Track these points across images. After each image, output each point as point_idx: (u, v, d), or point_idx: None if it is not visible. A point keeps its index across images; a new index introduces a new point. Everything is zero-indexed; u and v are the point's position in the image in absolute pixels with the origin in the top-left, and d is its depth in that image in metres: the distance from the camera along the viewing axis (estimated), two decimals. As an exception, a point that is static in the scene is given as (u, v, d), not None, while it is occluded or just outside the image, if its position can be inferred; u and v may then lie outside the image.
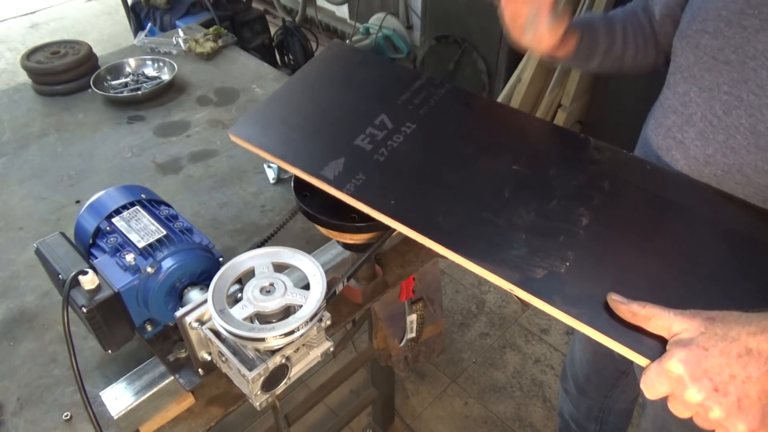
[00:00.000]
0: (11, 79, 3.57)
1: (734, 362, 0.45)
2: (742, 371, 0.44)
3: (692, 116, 0.70)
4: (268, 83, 1.52)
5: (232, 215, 1.09)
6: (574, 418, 1.41)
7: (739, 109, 0.64)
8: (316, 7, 3.64)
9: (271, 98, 0.80)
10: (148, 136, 1.32)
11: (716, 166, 0.68)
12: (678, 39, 0.72)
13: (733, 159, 0.66)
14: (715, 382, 0.45)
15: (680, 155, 0.72)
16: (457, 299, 2.14)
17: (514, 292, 0.55)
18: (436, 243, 0.59)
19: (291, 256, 0.65)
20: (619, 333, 0.50)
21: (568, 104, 2.18)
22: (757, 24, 0.61)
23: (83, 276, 0.66)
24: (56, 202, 1.14)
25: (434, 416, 1.78)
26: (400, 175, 0.67)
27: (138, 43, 1.66)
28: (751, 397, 0.44)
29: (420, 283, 1.11)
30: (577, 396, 1.33)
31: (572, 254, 0.56)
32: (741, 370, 0.44)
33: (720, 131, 0.66)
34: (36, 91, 1.48)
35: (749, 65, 0.62)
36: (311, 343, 0.66)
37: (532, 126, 0.74)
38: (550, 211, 0.61)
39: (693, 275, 0.54)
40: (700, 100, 0.68)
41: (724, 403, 0.44)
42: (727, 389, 0.44)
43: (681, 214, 0.60)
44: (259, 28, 2.76)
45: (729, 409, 0.44)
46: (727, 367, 0.45)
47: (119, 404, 0.70)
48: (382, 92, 0.77)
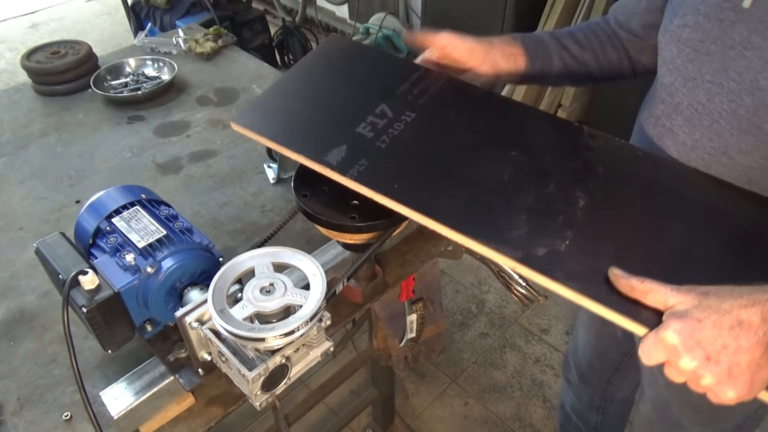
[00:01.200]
0: (11, 79, 3.57)
1: (726, 333, 0.48)
2: (734, 342, 0.47)
3: (679, 105, 0.74)
4: (268, 83, 1.51)
5: (232, 215, 1.09)
6: (575, 409, 1.41)
7: (720, 96, 0.69)
8: (316, 7, 3.64)
9: (272, 89, 0.80)
10: (148, 136, 1.32)
11: (703, 150, 0.72)
12: (662, 34, 0.77)
13: (718, 142, 0.70)
14: (707, 352, 0.48)
15: (670, 142, 0.77)
16: (457, 299, 2.14)
17: (517, 269, 0.57)
18: (441, 224, 0.61)
19: (291, 256, 0.65)
20: (619, 305, 0.53)
21: (568, 104, 2.18)
22: (733, 16, 0.66)
23: (83, 276, 0.66)
24: (56, 202, 1.14)
25: (434, 416, 1.78)
26: (402, 161, 0.68)
27: (138, 43, 1.66)
28: (741, 366, 0.48)
29: (420, 283, 1.11)
30: (579, 385, 1.33)
31: (571, 233, 0.59)
32: (732, 340, 0.47)
33: (705, 117, 0.71)
34: (36, 91, 1.48)
35: (728, 54, 0.66)
36: (311, 343, 0.66)
37: (529, 115, 0.77)
38: (548, 193, 0.63)
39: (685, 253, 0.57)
40: (685, 89, 0.73)
41: (716, 371, 0.48)
42: (719, 358, 0.48)
43: (672, 196, 0.63)
44: (259, 28, 2.76)
45: (720, 376, 0.48)
46: (719, 338, 0.48)
47: (119, 404, 0.70)
48: (381, 83, 0.78)
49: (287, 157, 0.71)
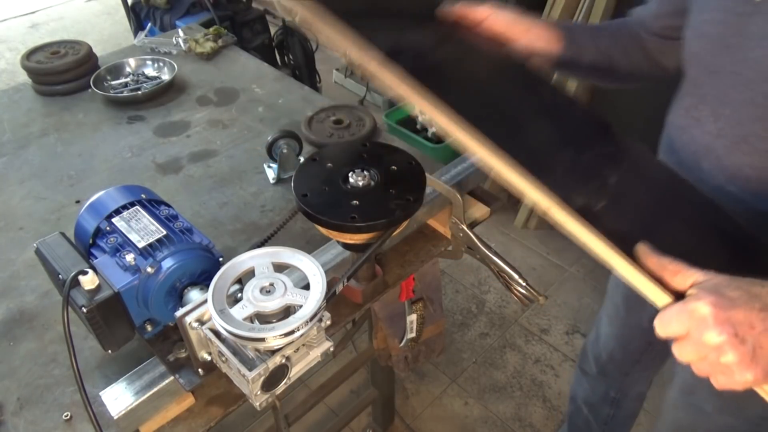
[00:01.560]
0: (11, 79, 3.57)
1: (756, 314, 0.48)
2: (761, 324, 0.48)
3: (704, 96, 0.79)
4: (268, 83, 1.52)
5: (232, 215, 1.09)
6: (588, 402, 1.41)
7: (740, 85, 0.72)
8: (316, 7, 3.63)
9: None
10: (148, 136, 1.32)
11: (726, 138, 0.76)
12: (687, 30, 0.80)
13: (740, 130, 0.74)
14: (735, 329, 0.48)
15: (698, 132, 0.80)
16: (457, 299, 2.14)
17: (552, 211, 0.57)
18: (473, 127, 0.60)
19: (291, 256, 0.65)
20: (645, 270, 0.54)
21: (568, 104, 2.19)
22: (750, 9, 0.70)
23: (83, 276, 0.66)
24: (56, 202, 1.14)
25: (434, 416, 1.78)
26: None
27: (138, 43, 1.66)
28: (765, 348, 0.48)
29: (420, 283, 1.11)
30: (595, 377, 1.34)
31: (603, 200, 0.61)
32: (760, 322, 0.48)
33: (727, 106, 0.75)
34: (36, 91, 1.48)
35: (747, 46, 0.70)
36: (311, 343, 0.66)
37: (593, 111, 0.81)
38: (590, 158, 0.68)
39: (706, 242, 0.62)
40: (709, 81, 0.77)
41: (741, 350, 0.48)
42: (745, 337, 0.48)
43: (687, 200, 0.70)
44: (259, 28, 2.76)
45: (743, 356, 0.48)
46: (748, 318, 0.48)
47: (119, 404, 0.70)
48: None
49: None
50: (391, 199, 0.73)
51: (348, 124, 1.29)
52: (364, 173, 0.75)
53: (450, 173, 1.04)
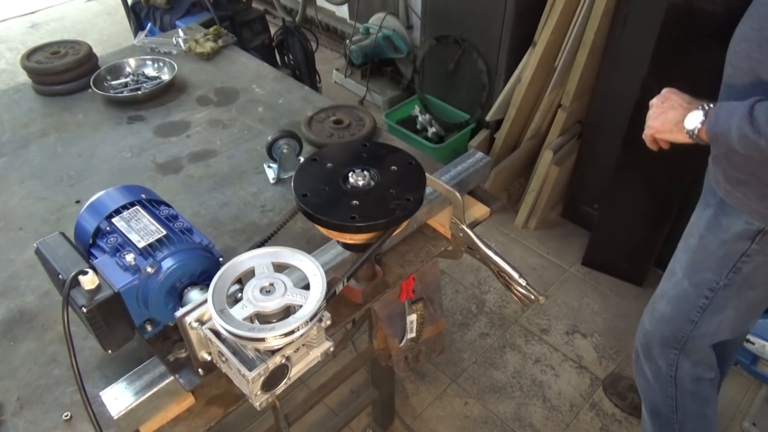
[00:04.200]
0: (11, 79, 3.57)
1: (675, 97, 0.99)
2: (670, 102, 0.99)
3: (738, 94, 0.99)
4: (268, 83, 1.52)
5: (232, 215, 1.09)
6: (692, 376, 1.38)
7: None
8: (316, 7, 3.63)
9: None
10: (148, 136, 1.32)
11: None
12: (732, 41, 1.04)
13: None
14: (661, 100, 1.01)
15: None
16: (457, 299, 2.14)
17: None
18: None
19: (291, 256, 0.65)
20: None
21: (568, 104, 2.18)
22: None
23: (83, 276, 0.66)
24: (56, 202, 1.14)
25: (434, 416, 1.78)
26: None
27: (138, 43, 1.66)
28: (664, 114, 0.99)
29: (420, 283, 1.11)
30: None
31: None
32: (671, 101, 0.99)
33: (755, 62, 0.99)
34: (36, 91, 1.48)
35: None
36: (311, 343, 0.66)
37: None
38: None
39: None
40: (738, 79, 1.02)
41: (653, 110, 1.02)
42: (662, 105, 1.00)
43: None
44: (259, 28, 2.76)
45: (653, 113, 1.02)
46: (671, 98, 0.99)
47: (119, 404, 0.70)
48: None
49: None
50: (391, 199, 0.73)
51: (348, 124, 1.29)
52: (364, 173, 0.75)
53: (450, 173, 1.04)
